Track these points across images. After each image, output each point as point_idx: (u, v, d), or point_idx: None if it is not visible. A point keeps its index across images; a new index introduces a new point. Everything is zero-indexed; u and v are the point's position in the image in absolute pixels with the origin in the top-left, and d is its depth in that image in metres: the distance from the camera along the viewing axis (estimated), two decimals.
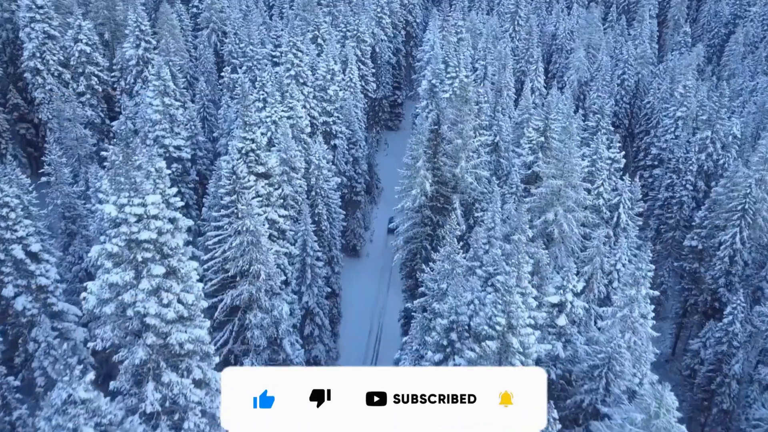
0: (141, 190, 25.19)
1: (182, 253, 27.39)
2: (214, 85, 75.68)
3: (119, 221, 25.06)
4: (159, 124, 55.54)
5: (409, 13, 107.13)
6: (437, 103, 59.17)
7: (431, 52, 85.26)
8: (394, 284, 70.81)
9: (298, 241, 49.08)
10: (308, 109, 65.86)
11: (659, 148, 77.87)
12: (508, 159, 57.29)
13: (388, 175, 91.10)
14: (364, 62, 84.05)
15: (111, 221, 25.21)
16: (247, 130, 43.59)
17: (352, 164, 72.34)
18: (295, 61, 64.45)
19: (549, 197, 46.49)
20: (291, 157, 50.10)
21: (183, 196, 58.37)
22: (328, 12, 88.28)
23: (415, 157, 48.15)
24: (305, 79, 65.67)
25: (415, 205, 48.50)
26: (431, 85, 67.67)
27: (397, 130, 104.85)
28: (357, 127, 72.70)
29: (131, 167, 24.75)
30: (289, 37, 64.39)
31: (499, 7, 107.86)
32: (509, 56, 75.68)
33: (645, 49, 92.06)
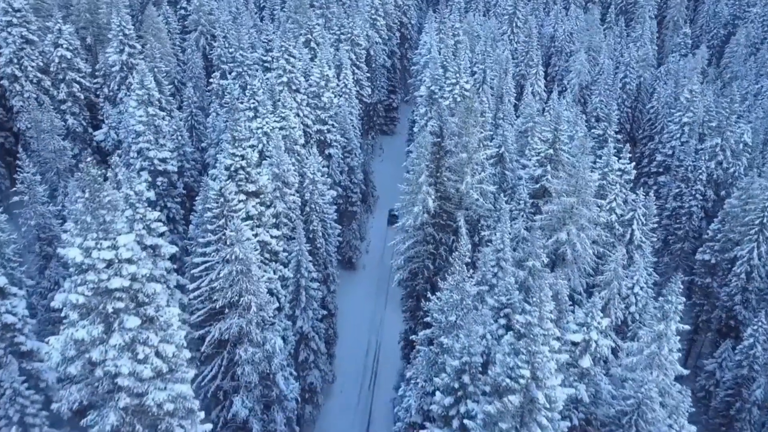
0: (111, 230, 21.44)
1: (161, 299, 23.62)
2: (203, 91, 71.83)
3: (86, 267, 21.32)
4: (143, 135, 51.65)
5: (404, 15, 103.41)
6: (439, 113, 55.52)
7: (428, 55, 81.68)
8: (392, 298, 67.27)
9: (291, 261, 45.40)
10: (301, 118, 62.10)
11: (665, 154, 74.59)
12: (512, 171, 53.76)
13: (384, 181, 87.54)
14: (358, 66, 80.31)
15: (76, 267, 21.47)
16: (236, 146, 39.84)
17: (347, 173, 68.64)
18: (288, 67, 60.65)
19: (561, 215, 43.03)
20: (284, 172, 46.36)
21: (169, 211, 54.70)
22: (321, 14, 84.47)
23: (416, 172, 44.55)
24: (298, 85, 61.89)
25: (416, 223, 44.91)
26: (430, 92, 64.04)
27: (393, 135, 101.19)
28: (352, 134, 69.01)
29: (99, 205, 20.96)
30: (281, 42, 60.59)
31: (496, 9, 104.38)
32: (510, 61, 72.15)
33: (647, 51, 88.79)
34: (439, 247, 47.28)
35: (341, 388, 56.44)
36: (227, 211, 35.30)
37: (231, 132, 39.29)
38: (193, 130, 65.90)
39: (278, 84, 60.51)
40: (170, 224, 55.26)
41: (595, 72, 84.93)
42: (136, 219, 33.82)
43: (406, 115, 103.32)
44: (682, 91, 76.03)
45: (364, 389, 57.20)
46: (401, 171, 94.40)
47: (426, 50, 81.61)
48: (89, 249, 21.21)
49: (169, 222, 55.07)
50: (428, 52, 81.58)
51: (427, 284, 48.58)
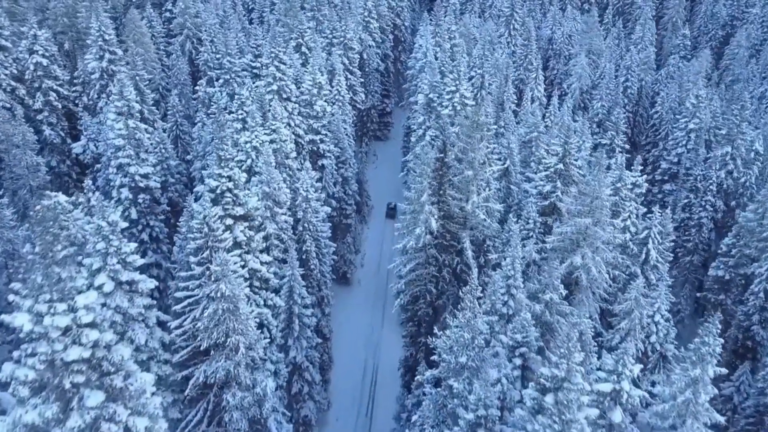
0: (68, 290, 17.65)
1: (131, 364, 19.84)
2: (189, 98, 67.78)
3: (36, 336, 17.52)
4: (122, 150, 47.68)
5: (397, 17, 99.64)
6: (442, 127, 52.03)
7: (424, 59, 78.04)
8: (389, 316, 63.61)
9: (284, 287, 41.67)
10: (293, 128, 58.31)
11: (670, 162, 71.26)
12: (518, 185, 50.23)
13: (378, 188, 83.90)
14: (351, 71, 76.52)
15: (26, 335, 17.66)
16: (222, 166, 36.02)
17: (341, 184, 64.90)
18: (278, 74, 56.79)
19: (574, 236, 39.52)
20: (275, 190, 42.58)
21: (152, 230, 50.76)
22: (312, 17, 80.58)
23: (418, 191, 40.88)
24: (289, 93, 58.06)
25: (419, 244, 41.25)
26: (428, 100, 60.35)
27: (386, 140, 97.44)
28: (346, 143, 65.24)
29: (52, 260, 17.16)
30: (271, 48, 56.71)
31: (491, 10, 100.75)
32: (510, 66, 68.53)
33: (648, 54, 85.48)
34: (442, 269, 43.69)
35: (337, 415, 52.75)
36: (212, 241, 31.55)
37: (217, 151, 35.47)
38: (179, 141, 61.94)
39: (268, 92, 56.66)
40: (153, 243, 51.41)
41: (596, 76, 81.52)
42: (109, 252, 29.97)
43: (400, 120, 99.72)
44: (687, 96, 72.75)
45: (361, 416, 53.55)
46: (396, 177, 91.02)
47: (422, 54, 77.95)
48: (40, 314, 17.41)
49: (152, 241, 51.22)
50: (424, 56, 77.95)
51: (429, 308, 45.01)
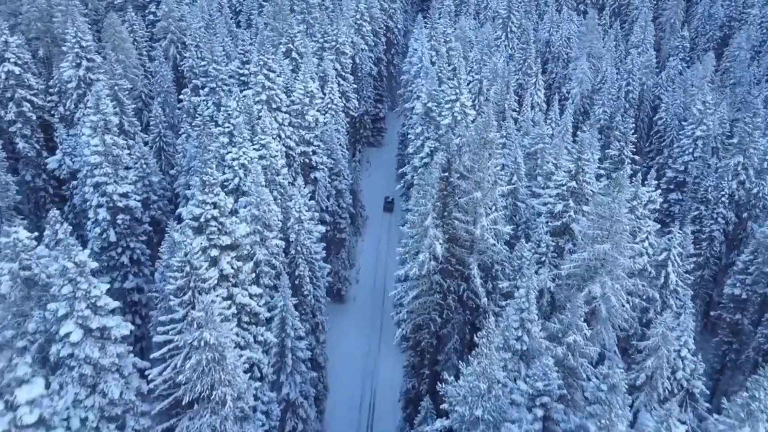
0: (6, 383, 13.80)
1: None
2: (173, 106, 63.71)
3: None
4: (99, 168, 43.70)
5: (390, 19, 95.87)
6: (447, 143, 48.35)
7: (419, 64, 74.30)
8: (387, 336, 60.02)
9: (275, 318, 37.92)
10: (283, 139, 54.52)
11: (676, 170, 68.03)
12: (524, 201, 46.67)
13: (372, 197, 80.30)
14: (344, 77, 72.71)
15: None
16: (206, 192, 32.17)
17: (335, 197, 61.18)
18: (267, 83, 52.89)
19: (592, 262, 36.00)
20: (264, 213, 38.78)
21: (132, 252, 46.83)
22: (302, 20, 76.67)
23: (422, 213, 37.16)
24: (279, 103, 54.20)
25: (422, 272, 37.58)
26: (427, 109, 56.61)
27: (380, 146, 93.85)
28: (340, 154, 61.44)
29: None
30: (259, 55, 52.78)
31: (486, 12, 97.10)
32: (510, 72, 64.93)
33: (650, 57, 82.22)
34: (447, 296, 40.04)
35: None
36: (195, 281, 27.73)
37: (200, 176, 31.61)
38: (162, 153, 57.95)
39: (256, 103, 52.79)
40: (134, 266, 47.49)
41: (597, 80, 78.13)
42: (77, 297, 26.07)
43: (393, 125, 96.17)
44: (693, 102, 69.54)
45: None
46: (390, 185, 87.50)
47: (417, 58, 74.22)
48: None
49: (132, 264, 47.28)
50: (419, 61, 74.20)
51: (433, 339, 41.36)
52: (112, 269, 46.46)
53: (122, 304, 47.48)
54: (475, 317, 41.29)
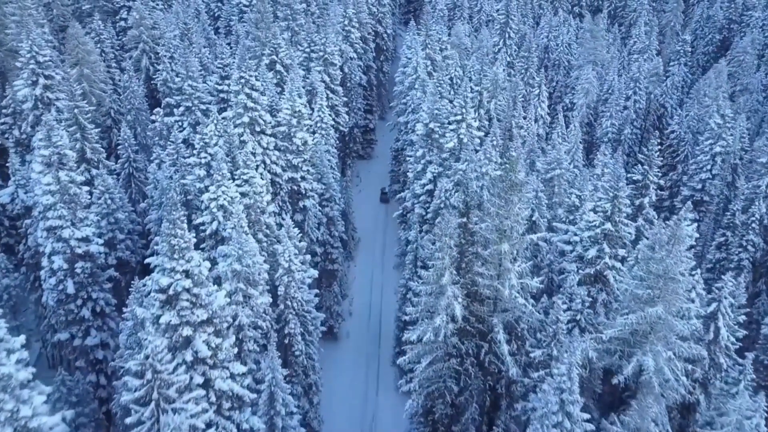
0: None
1: None
2: (145, 125, 56.51)
3: None
4: (53, 209, 36.66)
5: (379, 23, 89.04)
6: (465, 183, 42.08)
7: (414, 75, 67.71)
8: (385, 378, 53.73)
9: (263, 394, 31.27)
10: (268, 165, 47.75)
11: (692, 188, 62.13)
12: (547, 240, 40.32)
13: (364, 214, 73.59)
14: (333, 90, 65.91)
15: None
16: (175, 257, 25.37)
17: (326, 225, 54.55)
18: (249, 103, 45.98)
19: (641, 326, 29.78)
20: (248, 268, 32.08)
21: (95, 303, 39.86)
22: (287, 27, 69.60)
23: (438, 269, 30.60)
24: (263, 126, 47.34)
25: (439, 338, 31.09)
26: (428, 130, 49.98)
27: (370, 159, 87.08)
28: (331, 177, 54.76)
29: None
30: (241, 72, 45.82)
31: (480, 15, 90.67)
32: (517, 86, 58.39)
33: (657, 64, 76.30)
34: (464, 360, 33.62)
35: None
36: (160, 387, 20.99)
37: (168, 238, 24.78)
38: (132, 180, 50.91)
39: (237, 125, 45.90)
40: (97, 319, 40.47)
41: (603, 90, 72.02)
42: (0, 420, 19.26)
43: (383, 136, 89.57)
44: (709, 114, 63.69)
45: None
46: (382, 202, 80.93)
47: (412, 69, 67.56)
48: None
49: (95, 317, 40.28)
50: (414, 71, 67.57)
51: (448, 409, 34.90)
52: (71, 324, 39.47)
53: (84, 363, 40.70)
54: (497, 381, 34.96)
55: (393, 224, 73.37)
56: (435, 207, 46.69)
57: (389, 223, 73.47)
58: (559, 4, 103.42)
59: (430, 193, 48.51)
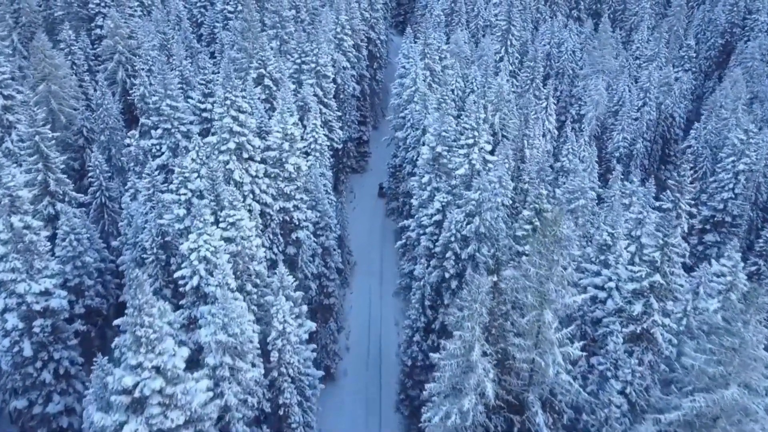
0: None
1: None
2: (120, 146, 50.49)
3: None
4: (5, 261, 30.68)
5: (372, 29, 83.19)
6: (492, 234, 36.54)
7: (413, 87, 62.04)
8: (387, 423, 48.26)
9: None
10: (257, 195, 41.94)
11: (713, 208, 57.04)
12: (577, 283, 34.82)
13: (359, 233, 67.85)
14: (326, 104, 60.12)
15: None
16: (143, 352, 19.59)
17: (321, 256, 48.88)
18: (236, 127, 40.10)
19: (710, 410, 24.40)
20: (234, 339, 26.33)
21: (58, 364, 33.91)
22: (275, 35, 63.54)
23: (466, 341, 24.98)
24: (251, 152, 41.49)
25: (467, 423, 25.55)
26: (436, 155, 44.36)
27: (364, 172, 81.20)
28: (326, 204, 48.97)
29: None
30: (225, 92, 39.87)
31: (477, 20, 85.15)
32: (531, 102, 52.87)
33: (668, 73, 71.16)
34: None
35: None
36: None
37: (133, 329, 18.99)
38: (104, 211, 44.96)
39: (223, 152, 40.05)
40: (61, 382, 34.53)
41: (613, 101, 66.77)
42: None
43: (377, 147, 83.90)
44: (729, 128, 58.71)
45: None
46: (377, 218, 75.26)
47: (410, 80, 61.88)
48: None
49: (58, 380, 34.33)
50: (413, 83, 61.91)
51: None
52: (30, 389, 33.53)
53: None
54: None
55: (390, 236, 68.01)
56: (445, 240, 41.15)
57: (386, 237, 68.15)
58: (558, 8, 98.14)
59: (438, 224, 42.92)
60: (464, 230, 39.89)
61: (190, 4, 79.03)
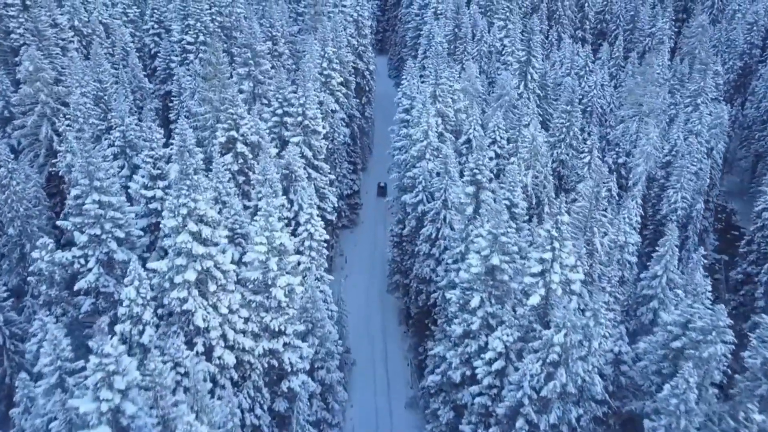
0: None
1: None
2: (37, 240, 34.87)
3: None
4: None
5: (359, 58, 68.47)
6: (558, 360, 22.36)
7: (424, 141, 47.65)
8: None
9: None
10: (229, 342, 27.15)
11: None
12: None
13: (357, 308, 53.43)
14: (318, 167, 45.37)
15: None
16: None
17: (321, 396, 34.26)
18: (197, 248, 25.17)
19: None
20: None
21: None
22: (247, 74, 48.22)
23: None
24: (223, 280, 26.63)
25: None
26: (489, 267, 29.97)
27: (355, 227, 66.55)
28: (328, 328, 34.34)
29: None
30: (181, 196, 24.92)
31: (481, 45, 71.00)
32: (603, 171, 38.68)
33: (721, 114, 58.09)
34: None
35: None
36: None
37: None
38: (5, 353, 29.54)
39: (179, 285, 25.11)
40: None
41: (663, 151, 53.39)
42: None
43: (368, 193, 69.83)
44: None
45: None
46: (376, 288, 60.97)
47: (421, 133, 47.37)
48: None
49: None
50: (424, 136, 47.50)
51: None
52: None
53: None
54: None
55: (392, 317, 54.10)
56: (513, 402, 27.14)
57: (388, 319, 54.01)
58: (563, 29, 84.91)
59: (499, 374, 28.61)
60: (543, 388, 25.88)
61: (141, 31, 63.37)
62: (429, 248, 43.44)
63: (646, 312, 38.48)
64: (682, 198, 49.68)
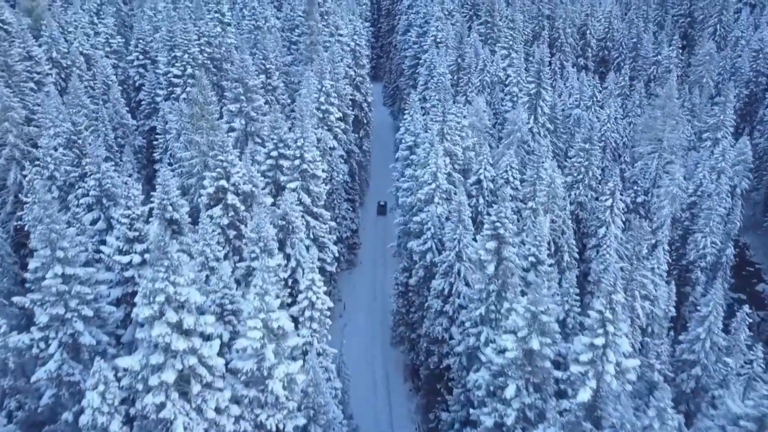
0: None
1: None
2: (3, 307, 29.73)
3: None
4: None
5: (357, 90, 63.99)
6: None
7: (432, 184, 42.98)
8: None
9: None
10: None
11: None
12: None
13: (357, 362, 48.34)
14: (317, 215, 40.53)
15: None
16: None
17: None
18: (178, 344, 20.15)
19: None
20: None
21: None
22: (239, 111, 43.49)
23: None
24: (208, 376, 21.60)
25: None
26: (526, 351, 25.12)
27: (354, 267, 61.60)
28: (327, 395, 29.36)
29: None
30: (158, 279, 20.07)
31: (485, 75, 66.79)
32: (643, 230, 34.02)
33: (744, 149, 53.96)
34: None
35: None
36: None
37: None
38: None
39: (156, 389, 20.06)
40: None
41: (688, 192, 49.04)
42: None
43: (366, 229, 65.14)
44: None
45: None
46: (375, 328, 55.88)
47: (429, 175, 42.73)
48: None
49: None
50: (433, 178, 42.87)
51: None
52: None
53: None
54: None
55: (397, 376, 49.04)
56: None
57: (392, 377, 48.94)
58: (564, 57, 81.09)
59: None
60: None
61: (125, 62, 58.61)
62: (441, 305, 38.59)
63: (687, 380, 34.05)
64: (711, 243, 45.26)
